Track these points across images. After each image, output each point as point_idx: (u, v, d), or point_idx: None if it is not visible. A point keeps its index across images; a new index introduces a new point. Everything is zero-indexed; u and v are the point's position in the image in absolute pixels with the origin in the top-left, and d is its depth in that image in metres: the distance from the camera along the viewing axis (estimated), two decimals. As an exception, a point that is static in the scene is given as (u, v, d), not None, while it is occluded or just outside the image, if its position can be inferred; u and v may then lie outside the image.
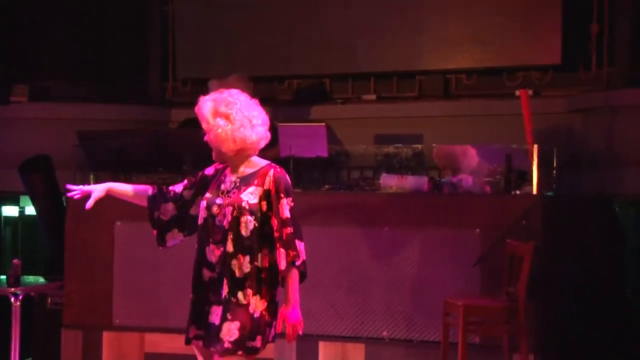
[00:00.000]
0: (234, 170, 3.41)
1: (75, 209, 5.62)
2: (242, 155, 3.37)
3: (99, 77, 7.22)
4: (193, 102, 6.81)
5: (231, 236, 3.29)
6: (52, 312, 5.72)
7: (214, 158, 3.43)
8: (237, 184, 3.36)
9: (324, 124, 5.62)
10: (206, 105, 3.38)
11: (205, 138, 3.39)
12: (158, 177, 5.60)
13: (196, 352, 3.44)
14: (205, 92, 6.39)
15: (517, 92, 6.08)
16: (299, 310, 3.30)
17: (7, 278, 5.47)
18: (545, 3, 6.59)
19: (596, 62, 6.54)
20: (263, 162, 3.41)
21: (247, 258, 3.29)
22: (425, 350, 5.01)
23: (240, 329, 3.26)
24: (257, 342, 3.29)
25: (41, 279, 5.88)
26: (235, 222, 3.29)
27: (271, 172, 3.35)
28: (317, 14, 7.13)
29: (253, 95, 3.53)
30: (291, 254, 3.27)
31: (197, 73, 7.35)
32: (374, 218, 5.17)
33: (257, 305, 3.29)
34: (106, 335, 5.50)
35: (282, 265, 3.28)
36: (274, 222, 3.29)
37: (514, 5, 6.68)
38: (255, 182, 3.34)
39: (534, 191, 5.07)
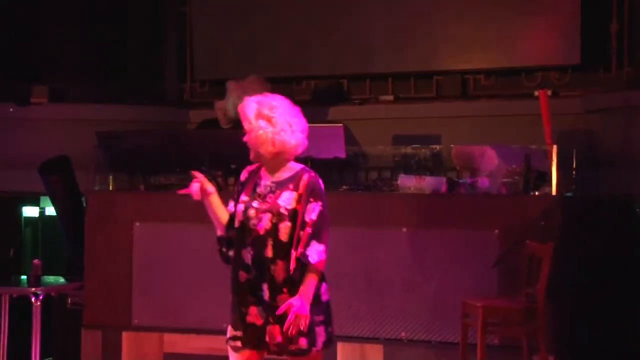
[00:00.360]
0: (270, 172, 3.44)
1: (94, 210, 5.66)
2: (279, 159, 3.40)
3: (117, 78, 7.26)
4: (211, 103, 6.87)
5: (270, 242, 3.32)
6: (72, 312, 5.75)
7: (251, 159, 3.45)
8: (273, 189, 3.39)
9: (341, 124, 5.61)
10: (250, 106, 3.40)
11: (245, 138, 3.41)
12: (176, 178, 5.62)
13: (230, 353, 3.44)
14: (223, 93, 6.48)
15: (536, 93, 6.05)
16: (308, 306, 3.29)
17: (27, 278, 5.52)
18: (564, 2, 6.55)
19: (616, 62, 6.48)
20: (298, 167, 3.45)
21: (286, 263, 3.32)
22: (444, 351, 4.99)
23: (282, 333, 3.31)
24: (303, 344, 3.31)
25: (61, 279, 5.92)
26: (274, 228, 3.32)
27: (305, 176, 3.39)
28: (335, 15, 7.12)
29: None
30: (298, 251, 3.29)
31: (215, 74, 7.37)
32: (392, 219, 5.16)
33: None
34: (125, 335, 5.52)
35: (291, 265, 3.30)
36: (299, 224, 3.32)
37: (532, 5, 6.64)
38: (291, 186, 3.37)
39: (553, 192, 5.05)
